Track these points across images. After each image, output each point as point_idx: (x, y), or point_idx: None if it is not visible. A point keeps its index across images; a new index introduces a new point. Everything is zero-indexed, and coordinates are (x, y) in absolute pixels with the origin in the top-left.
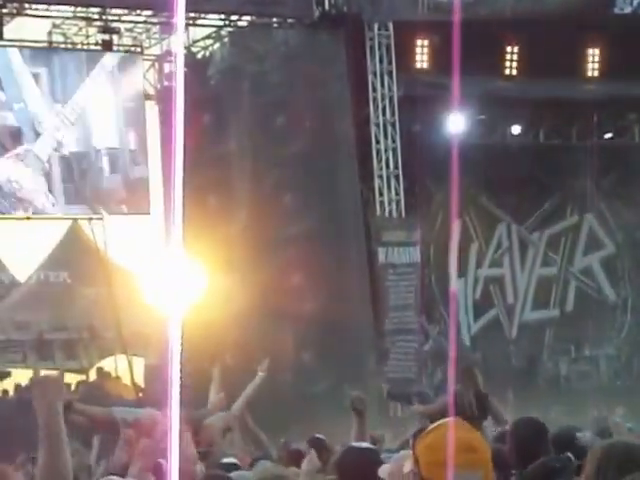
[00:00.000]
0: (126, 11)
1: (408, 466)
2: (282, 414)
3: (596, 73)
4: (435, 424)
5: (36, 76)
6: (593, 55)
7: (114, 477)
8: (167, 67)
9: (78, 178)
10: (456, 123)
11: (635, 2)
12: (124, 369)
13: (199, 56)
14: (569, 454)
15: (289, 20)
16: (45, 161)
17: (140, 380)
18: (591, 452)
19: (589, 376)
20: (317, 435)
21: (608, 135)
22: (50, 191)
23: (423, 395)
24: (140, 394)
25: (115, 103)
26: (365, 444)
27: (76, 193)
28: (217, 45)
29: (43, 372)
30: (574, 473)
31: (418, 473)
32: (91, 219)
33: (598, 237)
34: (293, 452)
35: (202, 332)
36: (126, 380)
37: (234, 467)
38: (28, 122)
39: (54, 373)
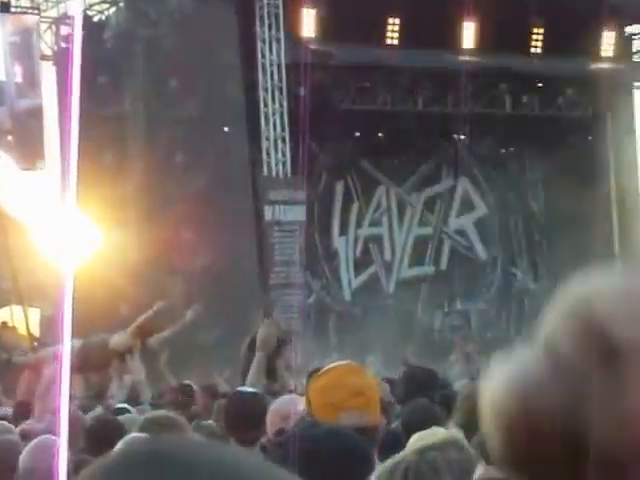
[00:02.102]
0: None
1: (301, 406)
2: (173, 362)
3: (471, 44)
4: (328, 366)
5: None
6: (469, 28)
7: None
8: (64, 30)
9: None
10: (336, 89)
11: None
12: (20, 319)
13: (95, 19)
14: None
15: None
16: None
17: (36, 331)
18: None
19: (460, 329)
20: (186, 382)
21: (482, 103)
22: None
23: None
24: (35, 344)
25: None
26: (251, 389)
27: None
28: (113, 9)
29: None
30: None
31: (309, 414)
32: None
33: (471, 199)
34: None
35: (98, 285)
36: (22, 330)
37: (126, 411)
38: None
39: None
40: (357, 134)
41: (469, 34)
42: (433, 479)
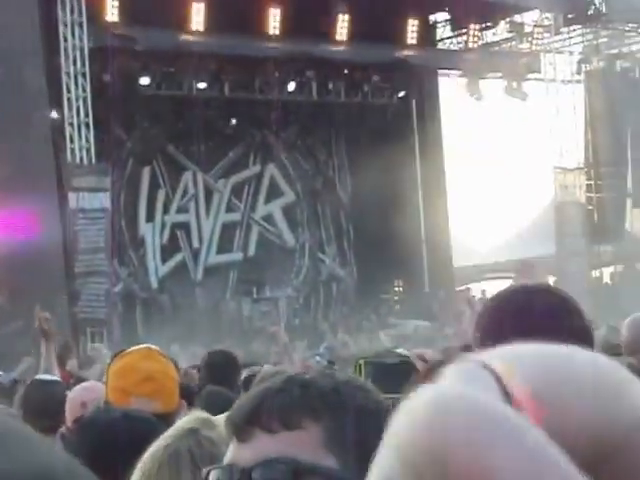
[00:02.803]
0: None
1: (101, 393)
2: None
3: (277, 32)
4: (128, 350)
5: None
6: (275, 14)
7: None
8: None
9: None
10: (142, 75)
11: None
12: None
13: None
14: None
15: None
16: None
17: None
18: None
19: (269, 315)
20: None
21: (289, 90)
22: None
23: None
24: None
25: None
26: (50, 376)
27: None
28: None
29: None
30: None
31: (106, 399)
32: None
33: (279, 186)
34: None
35: None
36: None
37: None
38: None
39: None
40: (163, 120)
41: (275, 20)
42: (194, 460)
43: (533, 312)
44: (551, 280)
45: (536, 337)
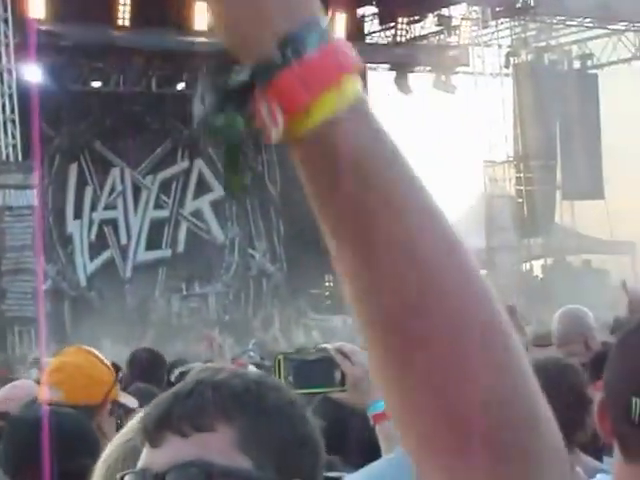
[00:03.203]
0: None
1: (32, 391)
2: None
3: (204, 26)
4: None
5: None
6: (201, 8)
7: None
8: None
9: None
10: (68, 71)
11: None
12: None
13: None
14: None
15: None
16: None
17: None
18: None
19: (199, 312)
20: None
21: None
22: None
23: None
24: None
25: None
26: None
27: None
28: None
29: None
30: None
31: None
32: None
33: (207, 181)
34: None
35: None
36: None
37: None
38: None
39: None
40: (90, 116)
41: (201, 15)
42: None
43: None
44: (482, 274)
45: None
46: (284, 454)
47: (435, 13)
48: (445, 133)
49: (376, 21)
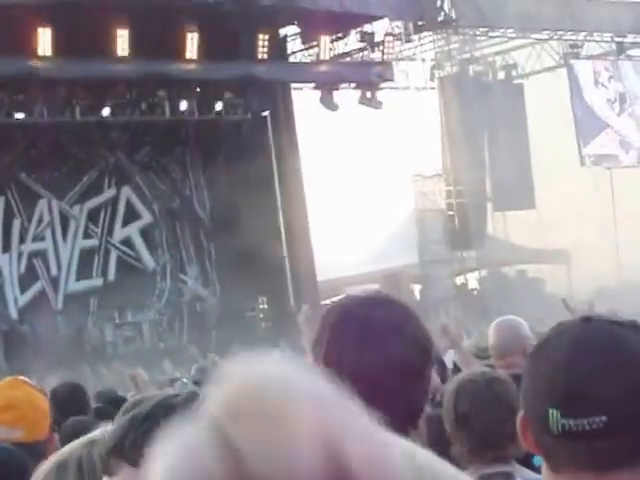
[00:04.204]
0: None
1: None
2: None
3: (126, 53)
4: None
5: None
6: (122, 36)
7: None
8: None
9: None
10: None
11: None
12: None
13: None
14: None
15: None
16: None
17: None
18: None
19: (133, 340)
20: None
21: (141, 110)
22: None
23: None
24: None
25: None
26: None
27: None
28: None
29: None
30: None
31: None
32: None
33: (135, 208)
34: None
35: None
36: None
37: None
38: None
39: None
40: (15, 148)
41: (123, 42)
42: (80, 469)
43: (375, 323)
44: (416, 288)
45: (378, 348)
46: None
47: (357, 30)
48: (373, 149)
49: (299, 40)
